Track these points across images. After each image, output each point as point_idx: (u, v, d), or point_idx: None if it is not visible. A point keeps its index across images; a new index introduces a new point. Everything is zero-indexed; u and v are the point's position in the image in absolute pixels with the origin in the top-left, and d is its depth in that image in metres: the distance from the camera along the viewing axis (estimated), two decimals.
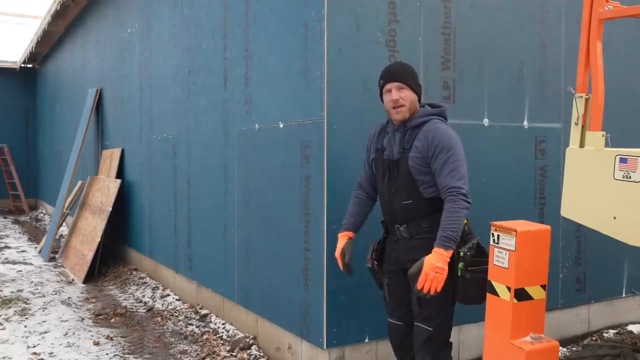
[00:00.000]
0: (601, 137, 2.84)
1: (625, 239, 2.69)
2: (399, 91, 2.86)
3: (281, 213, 4.00)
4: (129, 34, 7.40)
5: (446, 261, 2.63)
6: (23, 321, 5.29)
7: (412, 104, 2.89)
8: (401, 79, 2.87)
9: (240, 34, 4.52)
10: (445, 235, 2.65)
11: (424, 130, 2.83)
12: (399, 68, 2.96)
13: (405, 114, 2.87)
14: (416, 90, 2.90)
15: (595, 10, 2.86)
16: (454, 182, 2.71)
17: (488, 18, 4.06)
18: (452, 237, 2.65)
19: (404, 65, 3.00)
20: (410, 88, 2.88)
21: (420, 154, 2.80)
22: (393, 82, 2.88)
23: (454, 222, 2.66)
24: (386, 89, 2.92)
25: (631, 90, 4.77)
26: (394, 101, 2.86)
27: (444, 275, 2.63)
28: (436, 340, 2.85)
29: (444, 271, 2.63)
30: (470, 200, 2.72)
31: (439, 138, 2.77)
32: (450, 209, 2.68)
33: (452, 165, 2.73)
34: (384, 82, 2.93)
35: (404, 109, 2.86)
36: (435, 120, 2.87)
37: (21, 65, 14.58)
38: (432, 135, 2.79)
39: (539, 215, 4.31)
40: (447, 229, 2.65)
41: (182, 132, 5.73)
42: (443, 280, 2.63)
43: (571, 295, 4.51)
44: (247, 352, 4.32)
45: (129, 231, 7.57)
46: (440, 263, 2.62)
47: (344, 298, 3.56)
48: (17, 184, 14.43)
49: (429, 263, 2.63)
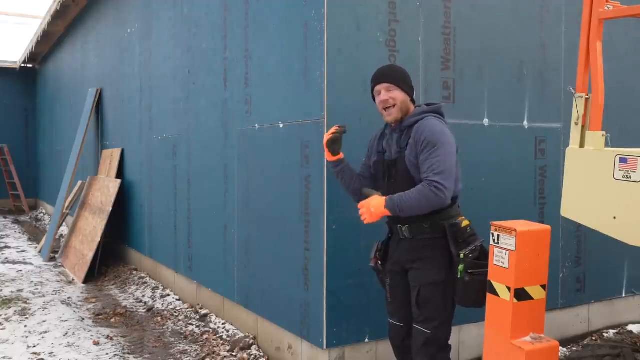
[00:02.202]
0: (601, 137, 2.84)
1: (625, 239, 2.69)
2: (388, 92, 2.88)
3: (281, 213, 4.01)
4: (129, 34, 7.40)
5: (381, 211, 2.76)
6: (23, 321, 5.29)
7: (403, 104, 2.89)
8: (389, 80, 2.89)
9: (240, 34, 4.52)
10: (394, 199, 2.73)
11: (416, 126, 2.84)
12: (387, 70, 2.98)
13: (397, 115, 2.88)
14: (406, 90, 2.91)
15: (595, 10, 2.86)
16: (431, 176, 2.67)
17: (488, 18, 4.06)
18: (396, 204, 2.71)
19: (393, 68, 3.03)
20: (400, 88, 2.89)
21: (413, 150, 2.81)
22: (382, 84, 2.90)
23: (409, 198, 2.69)
24: (376, 91, 2.94)
25: (631, 90, 4.77)
26: (384, 102, 2.88)
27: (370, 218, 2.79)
28: (435, 342, 2.84)
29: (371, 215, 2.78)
30: (443, 194, 2.65)
31: (426, 133, 2.76)
32: (414, 189, 2.70)
33: (434, 159, 2.69)
34: (373, 84, 2.96)
35: (394, 109, 2.87)
36: (428, 116, 2.87)
37: (21, 65, 14.58)
38: (421, 130, 2.79)
39: (539, 215, 4.31)
40: (400, 197, 2.72)
41: (182, 132, 5.73)
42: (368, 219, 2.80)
43: (571, 295, 4.51)
44: (247, 352, 4.32)
45: (129, 231, 7.57)
46: (373, 208, 2.77)
47: (344, 298, 3.56)
48: (17, 184, 14.43)
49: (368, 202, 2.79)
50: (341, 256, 3.54)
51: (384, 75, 2.93)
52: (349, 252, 3.54)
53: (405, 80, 2.93)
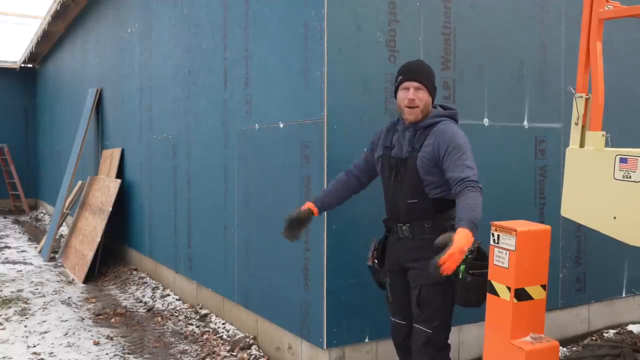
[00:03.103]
0: (601, 137, 2.84)
1: (625, 239, 2.69)
2: (417, 91, 2.82)
3: (281, 213, 3.99)
4: (129, 34, 7.40)
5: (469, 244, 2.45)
6: (23, 321, 5.29)
7: (426, 107, 2.85)
8: (421, 80, 2.83)
9: (240, 34, 4.52)
10: (471, 218, 2.47)
11: (435, 130, 2.80)
12: (419, 67, 2.90)
13: (418, 116, 2.84)
14: (432, 92, 2.88)
15: (595, 10, 2.86)
16: (471, 176, 2.63)
17: (488, 18, 4.06)
18: (476, 222, 2.49)
19: (424, 65, 2.93)
20: (427, 90, 2.85)
21: (430, 154, 2.77)
22: (412, 81, 2.83)
23: (478, 208, 2.53)
24: (404, 87, 2.86)
25: (631, 90, 4.76)
26: (410, 100, 2.81)
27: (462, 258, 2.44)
28: (435, 342, 2.84)
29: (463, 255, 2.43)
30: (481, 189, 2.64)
31: (451, 138, 2.74)
32: (471, 195, 2.55)
33: (467, 162, 2.68)
34: (403, 78, 2.86)
35: (418, 110, 2.83)
36: (446, 121, 2.85)
37: (21, 65, 14.57)
38: (444, 135, 2.76)
39: (539, 215, 4.30)
40: (474, 212, 2.49)
41: (182, 132, 5.73)
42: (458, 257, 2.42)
43: (571, 295, 4.51)
44: (247, 352, 4.32)
45: (129, 231, 7.57)
46: (467, 246, 2.42)
47: (344, 298, 3.56)
48: (17, 184, 14.43)
49: (459, 244, 2.38)
50: (341, 256, 3.54)
51: (417, 73, 2.85)
52: (349, 252, 3.54)
53: (432, 82, 2.88)
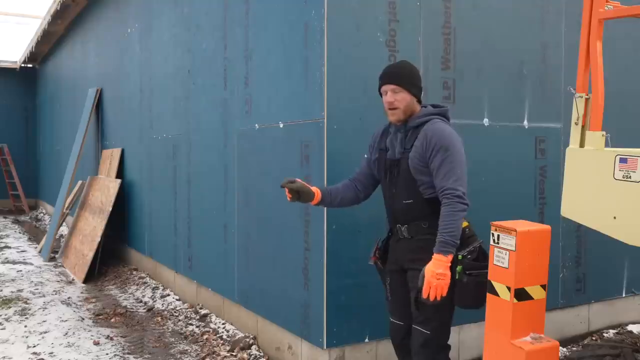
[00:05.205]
0: (601, 137, 2.84)
1: (625, 239, 2.68)
2: (394, 94, 2.86)
3: (281, 213, 4.00)
4: (129, 34, 7.40)
5: (447, 266, 2.64)
6: (23, 321, 5.29)
7: (408, 107, 2.87)
8: (396, 82, 2.86)
9: (240, 34, 4.52)
10: (442, 240, 2.65)
11: (424, 129, 2.82)
12: (396, 70, 2.94)
13: (400, 116, 2.87)
14: (413, 92, 2.88)
15: (595, 10, 2.86)
16: (449, 184, 2.69)
17: (488, 18, 4.06)
18: (450, 242, 2.65)
19: (402, 66, 2.96)
20: (406, 90, 2.86)
21: (419, 153, 2.79)
22: (388, 84, 2.88)
23: (451, 226, 2.65)
24: (382, 91, 2.92)
25: (631, 90, 4.76)
26: (389, 103, 2.87)
27: (447, 280, 2.64)
28: (433, 343, 2.83)
29: (446, 276, 2.63)
30: (467, 201, 2.70)
31: (437, 137, 2.75)
32: (445, 213, 2.68)
33: (449, 166, 2.71)
34: (380, 83, 2.94)
35: (398, 111, 2.86)
36: (435, 119, 2.86)
37: (21, 65, 14.57)
38: (431, 134, 2.78)
39: (539, 215, 4.31)
40: (445, 233, 2.65)
41: (182, 132, 5.73)
42: (447, 285, 2.64)
43: (571, 295, 4.51)
44: (247, 352, 4.32)
45: (129, 231, 7.57)
46: (440, 269, 2.62)
47: (344, 298, 3.56)
48: (17, 184, 14.43)
49: (429, 271, 2.63)
50: (341, 256, 3.54)
51: (391, 76, 2.89)
52: (349, 252, 3.54)
53: (412, 82, 2.89)
